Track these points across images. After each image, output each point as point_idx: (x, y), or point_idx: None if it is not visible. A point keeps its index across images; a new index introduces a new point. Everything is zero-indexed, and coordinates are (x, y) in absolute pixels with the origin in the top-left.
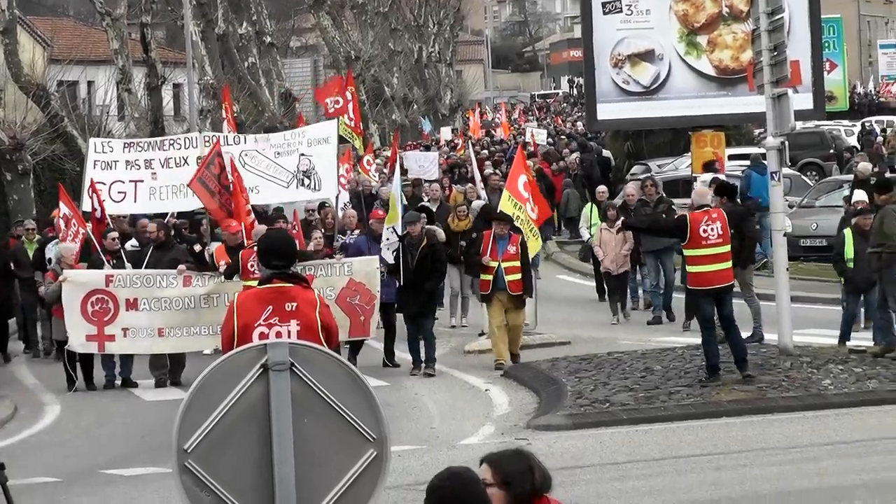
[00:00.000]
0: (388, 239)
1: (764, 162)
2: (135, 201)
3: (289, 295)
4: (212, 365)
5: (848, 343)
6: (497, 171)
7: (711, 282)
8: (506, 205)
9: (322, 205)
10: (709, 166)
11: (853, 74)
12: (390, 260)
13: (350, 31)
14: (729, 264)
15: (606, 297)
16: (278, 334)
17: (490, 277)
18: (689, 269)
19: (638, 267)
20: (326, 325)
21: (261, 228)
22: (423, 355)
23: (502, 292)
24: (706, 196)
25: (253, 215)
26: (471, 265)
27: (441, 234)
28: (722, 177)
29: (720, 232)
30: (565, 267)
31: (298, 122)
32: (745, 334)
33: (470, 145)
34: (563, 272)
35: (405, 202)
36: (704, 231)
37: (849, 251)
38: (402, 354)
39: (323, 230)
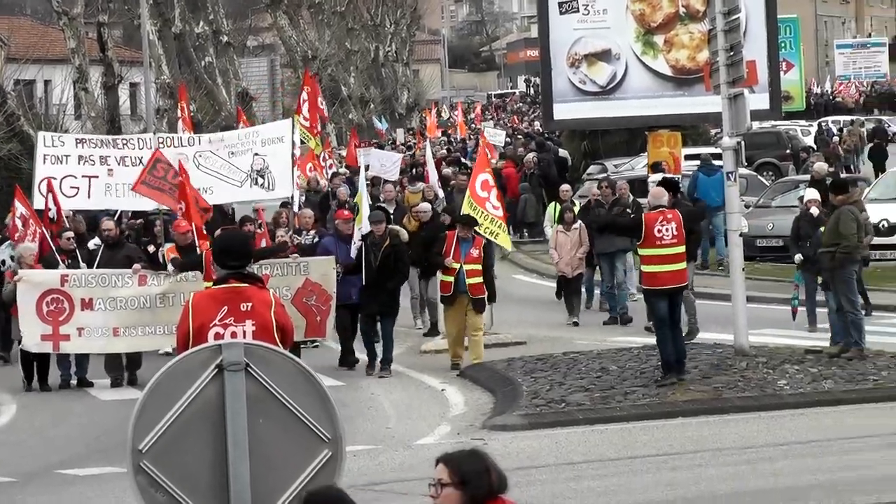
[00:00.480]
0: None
1: (713, 163)
2: (88, 197)
3: (244, 295)
4: (167, 365)
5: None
6: (458, 170)
7: (666, 282)
8: (467, 207)
9: (283, 204)
10: (657, 167)
11: (810, 74)
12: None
13: (307, 31)
14: (683, 265)
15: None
16: (233, 334)
17: (451, 279)
18: (644, 268)
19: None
20: (282, 326)
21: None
22: (379, 355)
23: (463, 295)
24: (662, 197)
25: (209, 215)
26: (432, 266)
27: (404, 234)
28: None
29: (675, 232)
30: (521, 267)
31: (239, 120)
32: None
33: (428, 145)
34: (519, 272)
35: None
36: (659, 231)
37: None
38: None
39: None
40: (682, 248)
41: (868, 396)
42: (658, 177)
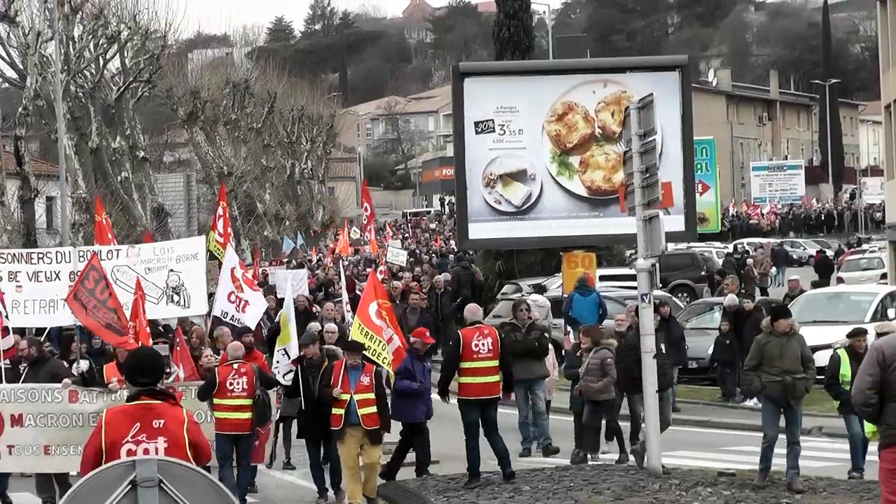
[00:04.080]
0: (278, 362)
1: (587, 286)
2: None
3: (156, 411)
4: (80, 481)
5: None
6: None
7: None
8: (356, 334)
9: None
10: (583, 282)
11: (726, 196)
12: (285, 382)
13: (223, 147)
14: (496, 377)
15: None
16: (146, 451)
17: (342, 411)
18: (461, 379)
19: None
20: (194, 443)
21: (235, 344)
22: (328, 483)
23: (355, 427)
24: (478, 313)
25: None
26: (322, 398)
27: (340, 352)
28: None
29: (490, 347)
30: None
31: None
32: None
33: (341, 263)
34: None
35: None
36: (476, 346)
37: (846, 373)
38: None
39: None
40: (496, 363)
41: None
42: (537, 297)
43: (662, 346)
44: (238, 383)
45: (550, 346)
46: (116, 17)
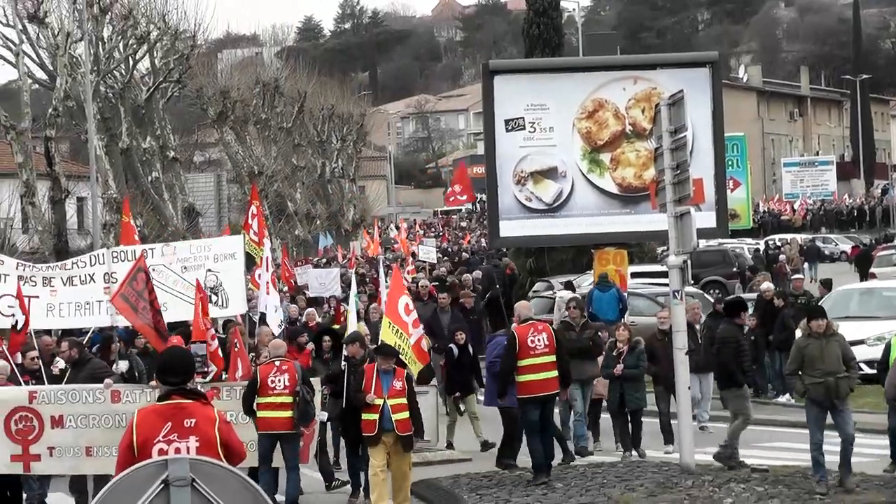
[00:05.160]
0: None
1: (607, 281)
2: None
3: (187, 411)
4: (112, 481)
5: None
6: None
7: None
8: (387, 334)
9: (227, 323)
10: (603, 279)
11: (757, 192)
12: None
13: (253, 146)
14: (554, 373)
15: None
16: (177, 450)
17: (375, 417)
18: (519, 378)
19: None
20: (226, 442)
21: (277, 342)
22: (363, 481)
23: (389, 433)
24: (530, 309)
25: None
26: (354, 403)
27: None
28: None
29: (546, 342)
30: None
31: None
32: None
33: (381, 262)
34: None
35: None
36: (532, 342)
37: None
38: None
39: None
40: (553, 358)
41: None
42: (565, 294)
43: (743, 342)
44: (279, 380)
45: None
46: (146, 18)
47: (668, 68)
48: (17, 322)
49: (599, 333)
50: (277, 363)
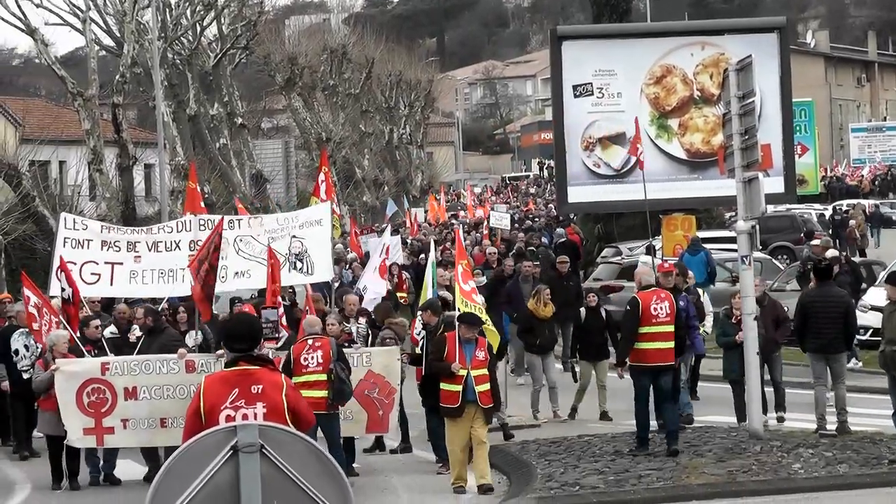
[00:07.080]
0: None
1: (697, 245)
2: (111, 284)
3: (254, 377)
4: (181, 447)
5: None
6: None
7: (654, 359)
8: (462, 306)
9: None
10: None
11: (825, 158)
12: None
13: (321, 113)
14: (671, 343)
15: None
16: (244, 417)
17: (458, 388)
18: (636, 345)
19: None
20: (294, 408)
21: (312, 318)
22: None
23: (472, 404)
24: (651, 275)
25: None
26: (432, 371)
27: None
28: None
29: (668, 311)
30: None
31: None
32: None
33: (460, 227)
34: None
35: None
36: (655, 309)
37: None
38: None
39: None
40: (672, 328)
41: (883, 480)
42: (647, 259)
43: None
44: (312, 358)
45: None
46: None
47: (736, 34)
48: (69, 294)
49: (700, 301)
50: (310, 341)
